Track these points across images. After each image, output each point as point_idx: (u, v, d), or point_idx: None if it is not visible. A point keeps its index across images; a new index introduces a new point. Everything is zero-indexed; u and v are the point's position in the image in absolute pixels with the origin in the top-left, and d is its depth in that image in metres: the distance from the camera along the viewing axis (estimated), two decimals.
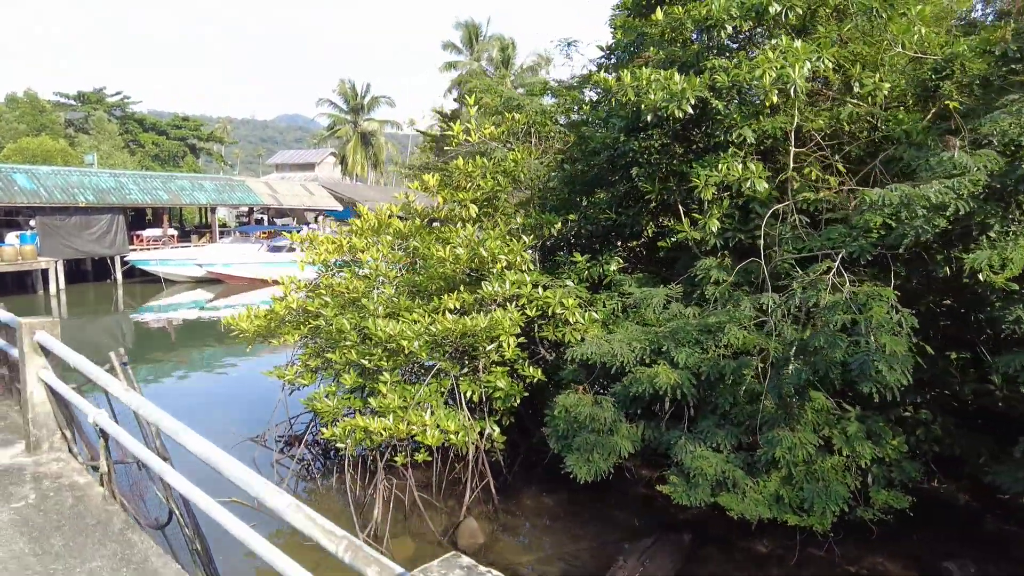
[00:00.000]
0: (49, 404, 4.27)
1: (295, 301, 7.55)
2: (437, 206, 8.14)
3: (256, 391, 13.16)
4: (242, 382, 14.06)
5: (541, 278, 7.67)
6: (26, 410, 4.29)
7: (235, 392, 13.13)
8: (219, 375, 15.66)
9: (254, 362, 16.40)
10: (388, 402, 7.05)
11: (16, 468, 4.26)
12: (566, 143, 8.23)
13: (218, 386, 14.20)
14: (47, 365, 4.16)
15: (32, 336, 4.08)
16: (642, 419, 6.78)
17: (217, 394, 13.08)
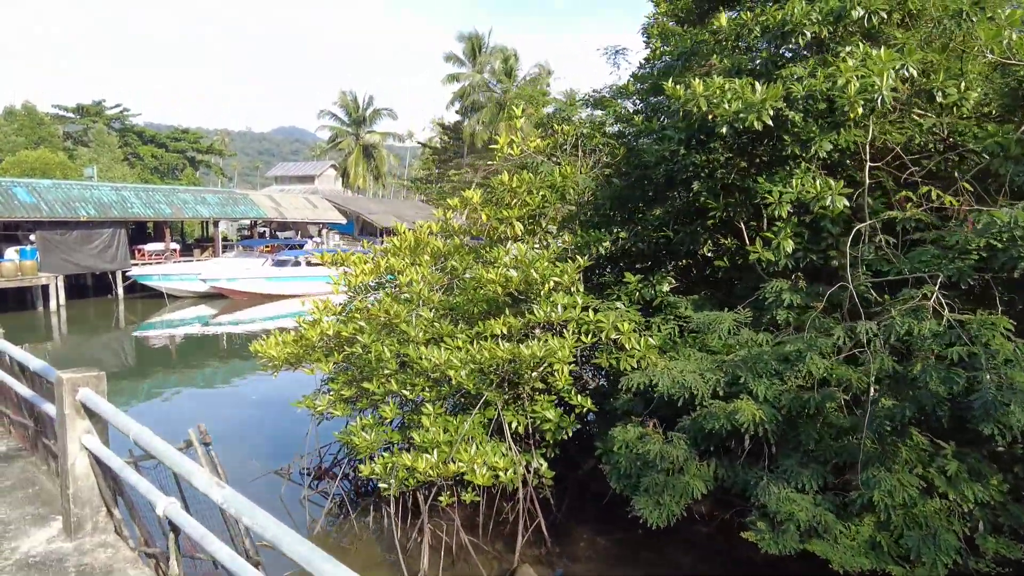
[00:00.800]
0: (93, 476, 3.55)
1: (330, 326, 7.01)
2: (478, 223, 7.64)
3: (271, 415, 12.59)
4: (257, 405, 13.46)
5: (591, 300, 7.17)
6: (66, 483, 3.57)
7: (250, 416, 12.54)
8: (229, 396, 15.07)
9: (267, 383, 15.81)
10: (432, 436, 6.53)
11: (55, 558, 3.52)
12: (613, 156, 7.75)
13: (229, 409, 13.59)
14: (91, 429, 3.44)
15: (75, 394, 3.34)
16: (712, 456, 6.26)
17: (230, 419, 12.48)
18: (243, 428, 11.60)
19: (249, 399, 14.26)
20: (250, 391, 15.28)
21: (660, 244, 7.81)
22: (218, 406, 13.90)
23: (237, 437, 10.85)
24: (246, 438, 10.78)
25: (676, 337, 7.27)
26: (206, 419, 12.48)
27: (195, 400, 14.70)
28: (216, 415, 12.90)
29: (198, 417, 13.03)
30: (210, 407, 13.84)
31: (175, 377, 17.49)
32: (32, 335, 23.39)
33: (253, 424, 11.94)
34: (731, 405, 5.73)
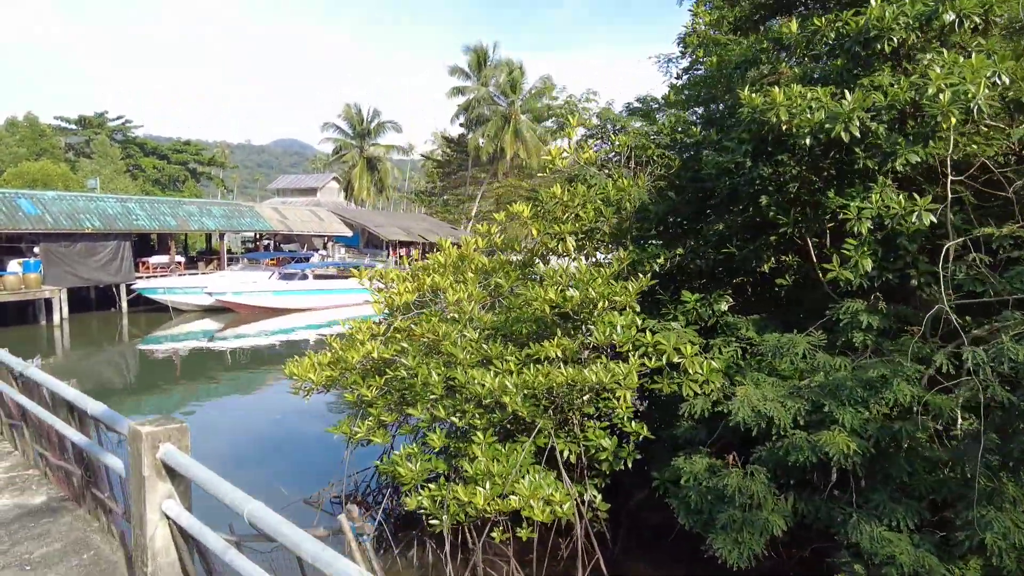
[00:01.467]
0: (175, 550, 2.93)
1: (374, 348, 6.58)
2: (521, 238, 7.24)
3: (294, 435, 12.11)
4: (277, 425, 12.96)
5: (649, 321, 6.77)
6: (142, 559, 2.94)
7: (270, 437, 12.05)
8: (244, 414, 14.57)
9: (284, 401, 15.33)
10: (484, 467, 6.09)
11: None
12: (667, 168, 7.37)
13: (246, 428, 13.10)
14: (173, 493, 2.85)
15: (156, 452, 2.77)
16: (791, 489, 5.83)
17: (247, 439, 12.00)
18: (263, 450, 11.12)
19: (267, 418, 13.77)
20: (267, 409, 14.79)
21: (718, 261, 7.42)
22: (233, 425, 13.40)
23: (257, 460, 10.38)
24: (267, 461, 10.31)
25: (739, 360, 6.87)
26: (220, 440, 11.98)
27: (207, 419, 14.20)
28: (231, 435, 12.41)
29: (212, 438, 12.55)
30: (224, 426, 13.34)
31: (184, 394, 17.00)
32: (35, 349, 22.89)
33: (274, 445, 11.47)
34: (818, 435, 5.31)
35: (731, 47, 8.61)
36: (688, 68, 10.73)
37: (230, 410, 15.10)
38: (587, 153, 6.97)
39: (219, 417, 14.34)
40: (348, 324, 7.14)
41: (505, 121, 53.31)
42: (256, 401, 16.10)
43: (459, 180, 61.22)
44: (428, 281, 6.79)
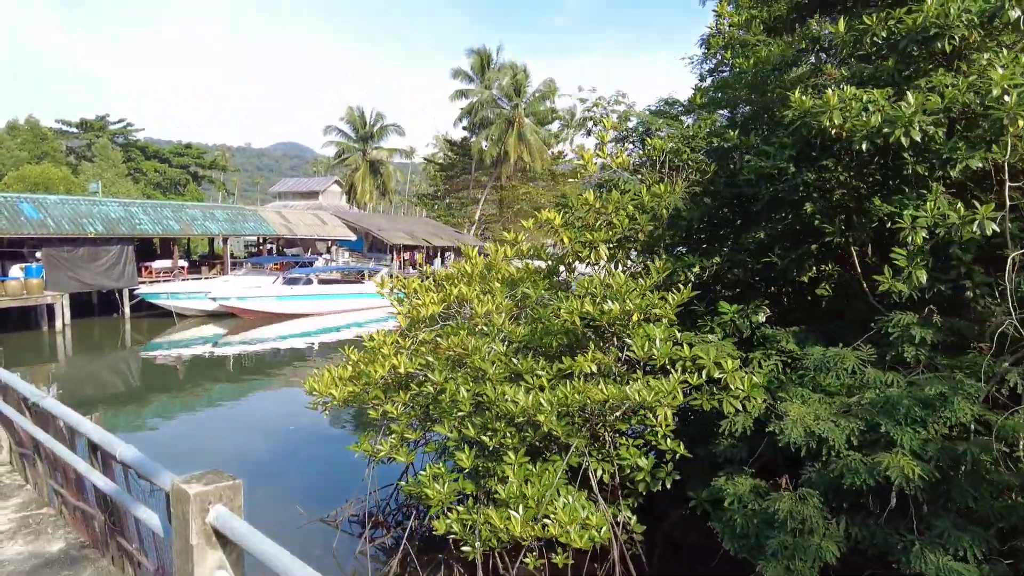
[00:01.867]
0: None
1: (400, 362, 6.27)
2: (544, 246, 6.94)
3: (306, 448, 11.78)
4: (289, 438, 12.63)
5: (687, 335, 6.46)
6: None
7: (281, 450, 11.73)
8: (253, 425, 14.22)
9: (295, 410, 15.01)
10: (516, 490, 5.78)
11: None
12: (702, 173, 7.07)
13: (256, 440, 12.77)
14: (225, 564, 2.38)
15: (205, 515, 2.33)
16: (843, 513, 5.52)
17: (258, 452, 11.67)
18: (275, 464, 10.80)
19: (278, 428, 13.42)
20: (277, 418, 14.45)
21: (756, 270, 7.12)
22: (242, 436, 13.06)
23: (269, 474, 10.05)
24: (280, 476, 9.98)
25: (780, 374, 6.57)
26: (231, 452, 11.64)
27: (215, 429, 13.87)
28: (241, 446, 12.09)
29: (220, 449, 12.22)
30: (232, 437, 13.01)
31: (190, 402, 16.67)
32: (37, 356, 22.58)
33: (285, 458, 11.14)
34: (877, 458, 5.01)
35: (761, 48, 8.32)
36: (713, 70, 10.45)
37: (239, 419, 14.77)
38: (621, 157, 6.67)
39: (227, 427, 14.02)
40: (369, 337, 6.83)
41: (509, 124, 53.03)
42: (266, 410, 15.77)
43: (462, 183, 60.94)
44: (455, 292, 6.49)
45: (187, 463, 10.33)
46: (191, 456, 11.12)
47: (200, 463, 6.21)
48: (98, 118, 63.32)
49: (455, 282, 7.09)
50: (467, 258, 7.05)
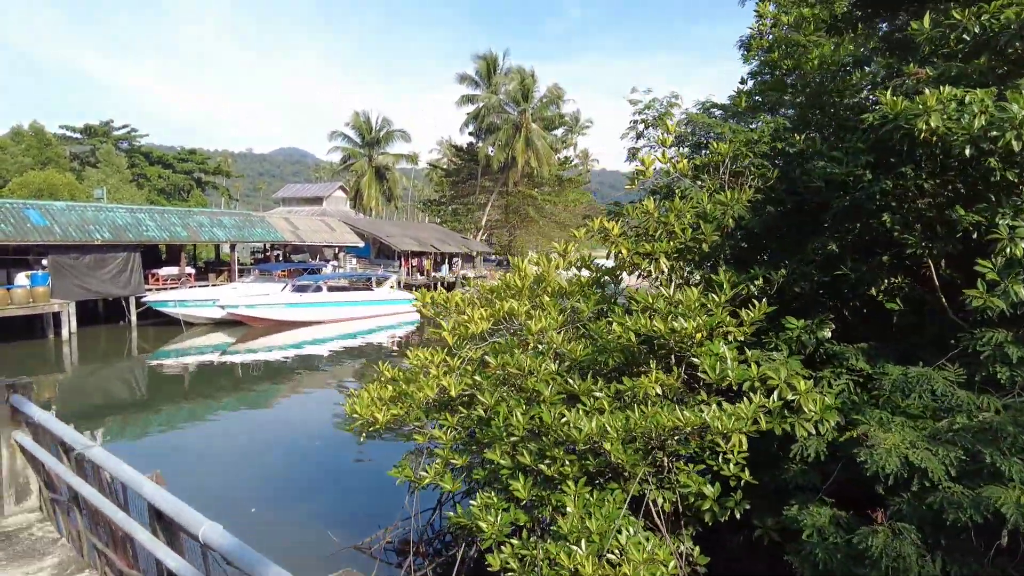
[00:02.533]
0: None
1: (451, 384, 5.84)
2: (606, 256, 6.53)
3: (331, 463, 11.34)
4: (314, 453, 12.16)
5: (754, 352, 6.03)
6: None
7: (306, 468, 11.27)
8: (275, 438, 13.75)
9: (317, 423, 14.58)
10: (577, 523, 5.35)
11: None
12: (764, 179, 6.65)
13: (278, 454, 12.31)
14: None
15: None
16: (940, 549, 5.08)
17: (281, 470, 11.21)
18: (300, 482, 10.35)
19: (299, 443, 12.96)
20: (297, 432, 13.98)
21: (823, 283, 6.70)
22: (261, 451, 12.59)
23: (295, 496, 9.61)
24: (306, 496, 9.54)
25: (853, 395, 6.14)
26: (251, 469, 11.18)
27: (232, 444, 13.41)
28: (262, 463, 11.62)
29: (242, 467, 11.75)
30: (252, 452, 12.54)
31: (202, 414, 16.22)
32: (43, 366, 22.17)
33: (311, 477, 10.69)
34: (985, 491, 4.57)
35: (813, 49, 7.92)
36: (756, 73, 10.07)
37: (256, 432, 14.31)
38: (682, 162, 6.26)
39: (244, 440, 13.56)
40: (412, 355, 6.40)
41: (516, 129, 52.73)
42: (284, 422, 15.31)
43: (468, 189, 60.62)
44: (505, 307, 6.06)
45: (209, 483, 9.87)
46: (211, 477, 10.68)
47: (220, 483, 5.67)
48: (102, 123, 63.05)
49: (501, 295, 6.66)
50: (516, 270, 6.62)
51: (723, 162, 6.38)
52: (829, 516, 5.51)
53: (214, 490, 9.84)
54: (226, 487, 9.98)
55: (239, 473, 10.87)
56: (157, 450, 12.88)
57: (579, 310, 6.63)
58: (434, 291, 6.96)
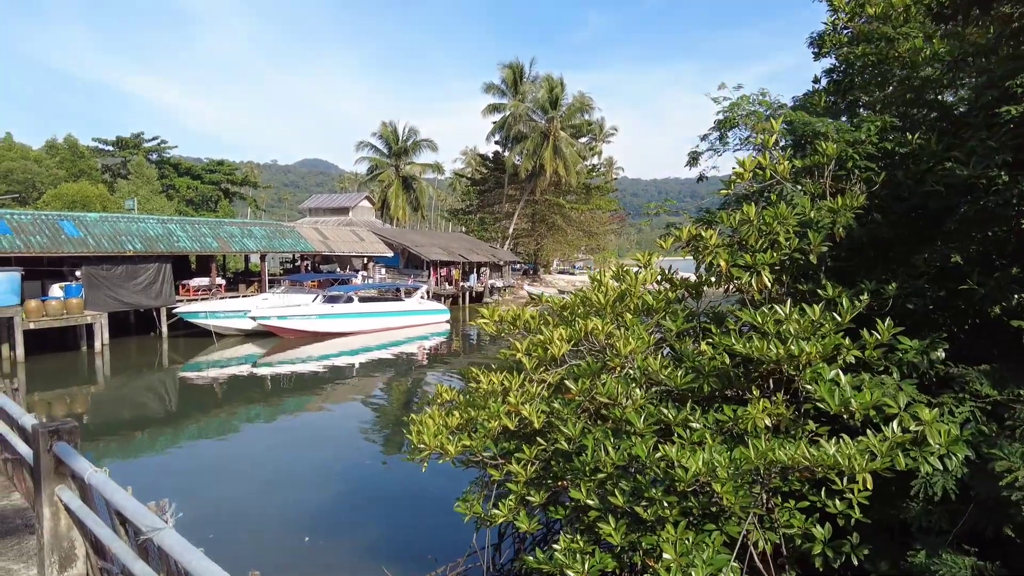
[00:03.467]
0: None
1: (531, 413, 5.23)
2: (709, 269, 5.88)
3: (372, 485, 10.77)
4: (354, 475, 11.60)
5: (865, 378, 5.33)
6: None
7: (347, 490, 10.71)
8: (312, 456, 13.22)
9: (353, 439, 14.05)
10: (678, 571, 4.69)
11: None
12: (869, 184, 5.96)
13: (315, 475, 11.78)
14: None
15: None
16: None
17: (321, 491, 10.66)
18: (349, 508, 9.77)
19: (339, 462, 12.41)
20: (338, 450, 13.43)
21: (938, 299, 5.98)
22: (305, 474, 12.03)
23: (345, 523, 9.03)
24: (359, 525, 8.96)
25: (981, 425, 5.41)
26: (297, 492, 10.62)
27: (268, 461, 12.89)
28: (307, 487, 11.06)
29: (278, 485, 11.23)
30: (295, 475, 11.98)
31: (236, 428, 15.78)
32: (75, 378, 22.01)
33: (359, 501, 10.11)
34: None
35: (902, 42, 7.24)
36: (830, 71, 9.39)
37: (298, 450, 13.78)
38: (782, 164, 5.60)
39: (289, 460, 13.00)
40: (483, 378, 5.80)
41: (544, 137, 52.20)
42: (327, 439, 14.77)
43: (494, 198, 60.16)
44: (588, 327, 5.44)
45: (252, 506, 9.31)
46: (252, 499, 10.16)
47: (264, 506, 4.96)
48: (133, 136, 63.84)
49: (578, 312, 6.04)
50: (597, 284, 6.00)
51: (828, 164, 5.70)
52: (971, 566, 4.80)
53: (259, 514, 9.33)
54: (272, 511, 9.46)
55: (283, 495, 10.34)
56: (190, 466, 12.43)
57: (665, 328, 5.98)
58: (483, 304, 6.37)
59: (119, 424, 16.11)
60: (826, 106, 8.37)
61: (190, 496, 10.19)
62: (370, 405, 18.96)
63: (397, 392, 20.75)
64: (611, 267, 5.81)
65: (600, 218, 61.61)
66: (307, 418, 17.19)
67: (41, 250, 23.70)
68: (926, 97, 6.36)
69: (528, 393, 5.39)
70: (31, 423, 3.43)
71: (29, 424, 3.58)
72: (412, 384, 21.89)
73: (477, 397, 6.06)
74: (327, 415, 17.67)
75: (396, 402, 19.35)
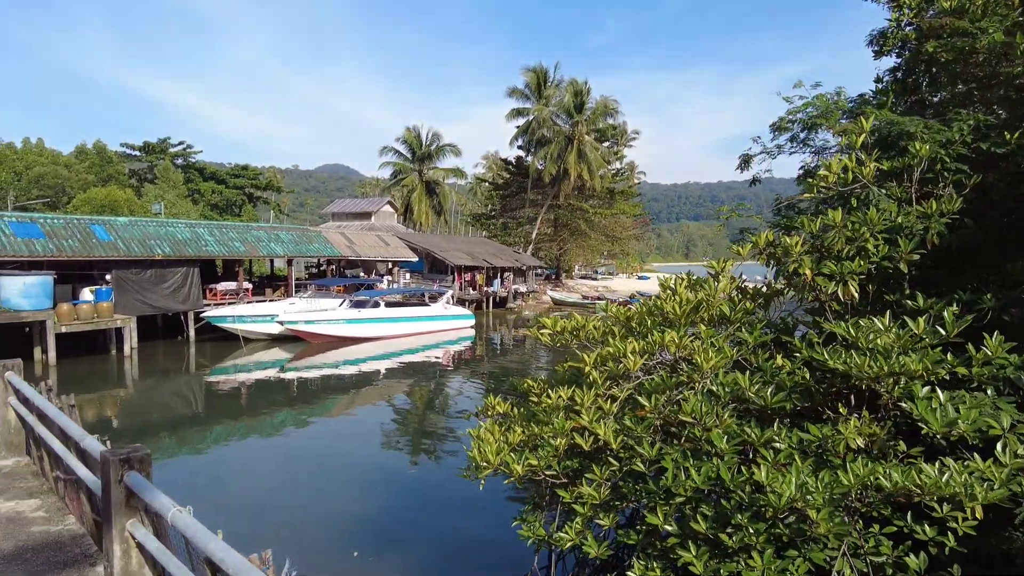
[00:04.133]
0: None
1: (606, 432, 4.89)
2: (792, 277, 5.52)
3: (416, 499, 10.47)
4: (398, 486, 11.30)
5: (962, 395, 4.93)
6: None
7: (392, 505, 10.42)
8: (351, 465, 12.98)
9: (395, 448, 13.79)
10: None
11: None
12: (958, 187, 5.56)
13: (358, 486, 11.52)
14: None
15: None
16: None
17: (364, 503, 10.39)
18: (394, 521, 9.48)
19: (383, 473, 12.13)
20: (380, 459, 13.16)
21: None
22: (345, 484, 11.77)
23: (391, 538, 8.73)
24: (406, 539, 8.66)
25: None
26: (339, 504, 10.30)
27: (308, 469, 12.65)
28: (349, 499, 10.79)
29: (326, 499, 10.95)
30: (335, 484, 11.71)
31: (269, 434, 15.60)
32: (105, 382, 22.04)
33: (404, 511, 9.82)
34: None
35: (980, 37, 6.83)
36: (895, 69, 8.99)
37: (335, 459, 13.54)
38: (868, 166, 5.23)
39: (328, 468, 12.75)
40: (540, 390, 5.48)
41: (568, 142, 51.85)
42: (364, 447, 14.53)
43: (517, 203, 59.89)
44: (664, 339, 5.09)
45: (295, 519, 9.04)
46: (294, 511, 9.91)
47: (307, 518, 4.64)
48: (160, 141, 64.54)
49: (647, 323, 5.69)
50: (670, 292, 5.65)
51: (918, 166, 5.31)
52: None
53: (301, 525, 9.08)
54: (313, 522, 9.21)
55: (324, 506, 10.08)
56: (223, 472, 12.25)
57: (742, 340, 5.62)
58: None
59: (151, 428, 16.01)
60: (890, 104, 7.97)
61: (225, 504, 9.97)
62: (401, 412, 18.72)
63: (426, 398, 20.50)
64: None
65: (623, 223, 61.05)
66: (337, 425, 16.98)
67: (73, 254, 23.83)
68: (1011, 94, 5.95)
69: (603, 411, 5.06)
70: (97, 448, 3.19)
71: (93, 448, 3.44)
72: (437, 390, 21.63)
73: (539, 412, 5.74)
74: (356, 421, 17.46)
75: (427, 409, 19.09)
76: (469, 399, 19.66)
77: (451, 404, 19.56)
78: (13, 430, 5.99)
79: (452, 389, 21.67)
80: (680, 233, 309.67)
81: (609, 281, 72.94)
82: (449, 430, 15.87)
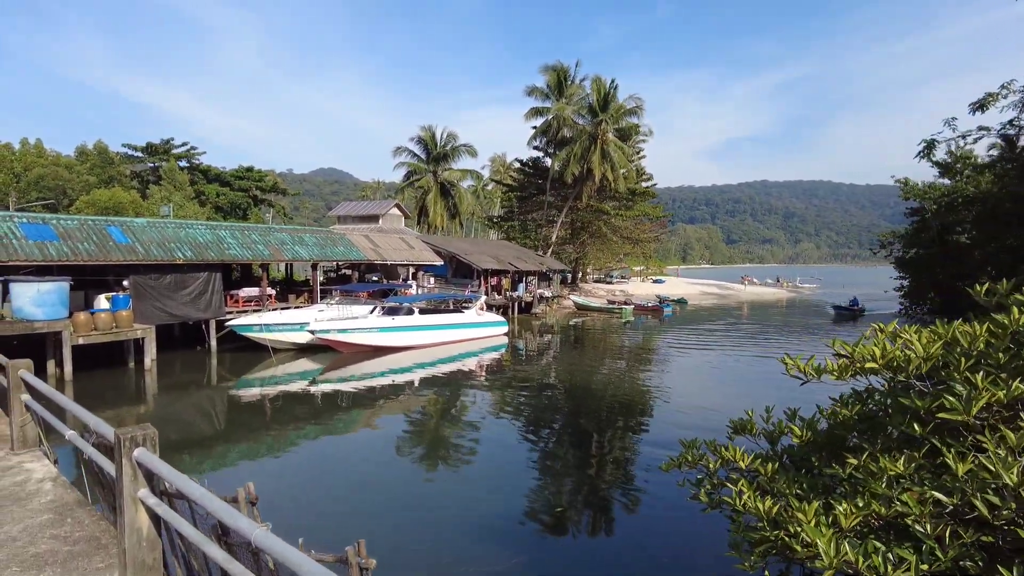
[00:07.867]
0: None
1: None
2: None
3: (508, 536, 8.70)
4: (469, 521, 9.54)
5: None
6: None
7: (476, 535, 8.66)
8: (426, 497, 11.22)
9: (467, 476, 12.01)
10: None
11: None
12: None
13: (431, 522, 9.75)
14: None
15: None
16: None
17: (441, 537, 8.64)
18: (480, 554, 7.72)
19: (462, 506, 10.36)
20: (456, 488, 11.40)
21: None
22: (390, 510, 10.04)
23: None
24: None
25: None
26: (416, 541, 8.55)
27: (382, 499, 10.89)
28: (430, 531, 9.06)
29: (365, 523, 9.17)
30: (377, 509, 9.97)
31: (308, 451, 13.80)
32: (125, 398, 20.16)
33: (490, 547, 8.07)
34: None
35: None
36: None
37: (378, 476, 11.77)
38: None
39: (370, 487, 11.00)
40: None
41: (592, 141, 50.21)
42: (409, 466, 12.77)
43: (534, 205, 58.21)
44: (928, 350, 3.38)
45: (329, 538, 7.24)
46: (328, 530, 8.15)
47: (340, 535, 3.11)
48: (163, 142, 62.60)
49: (921, 340, 3.99)
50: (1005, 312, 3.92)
51: None
52: None
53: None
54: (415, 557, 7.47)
55: (363, 528, 8.33)
56: (284, 505, 10.48)
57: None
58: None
59: (186, 446, 14.19)
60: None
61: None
62: (445, 426, 16.94)
63: (468, 411, 18.71)
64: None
65: (644, 225, 59.49)
66: (376, 441, 15.19)
67: (89, 257, 21.94)
68: None
69: None
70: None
71: None
72: (480, 402, 19.85)
73: (871, 482, 4.01)
74: (397, 437, 15.66)
75: (472, 425, 17.30)
76: (529, 419, 17.86)
77: (513, 427, 17.76)
78: None
79: (509, 407, 19.88)
80: (677, 236, 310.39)
81: (624, 285, 71.30)
82: (531, 461, 14.09)
